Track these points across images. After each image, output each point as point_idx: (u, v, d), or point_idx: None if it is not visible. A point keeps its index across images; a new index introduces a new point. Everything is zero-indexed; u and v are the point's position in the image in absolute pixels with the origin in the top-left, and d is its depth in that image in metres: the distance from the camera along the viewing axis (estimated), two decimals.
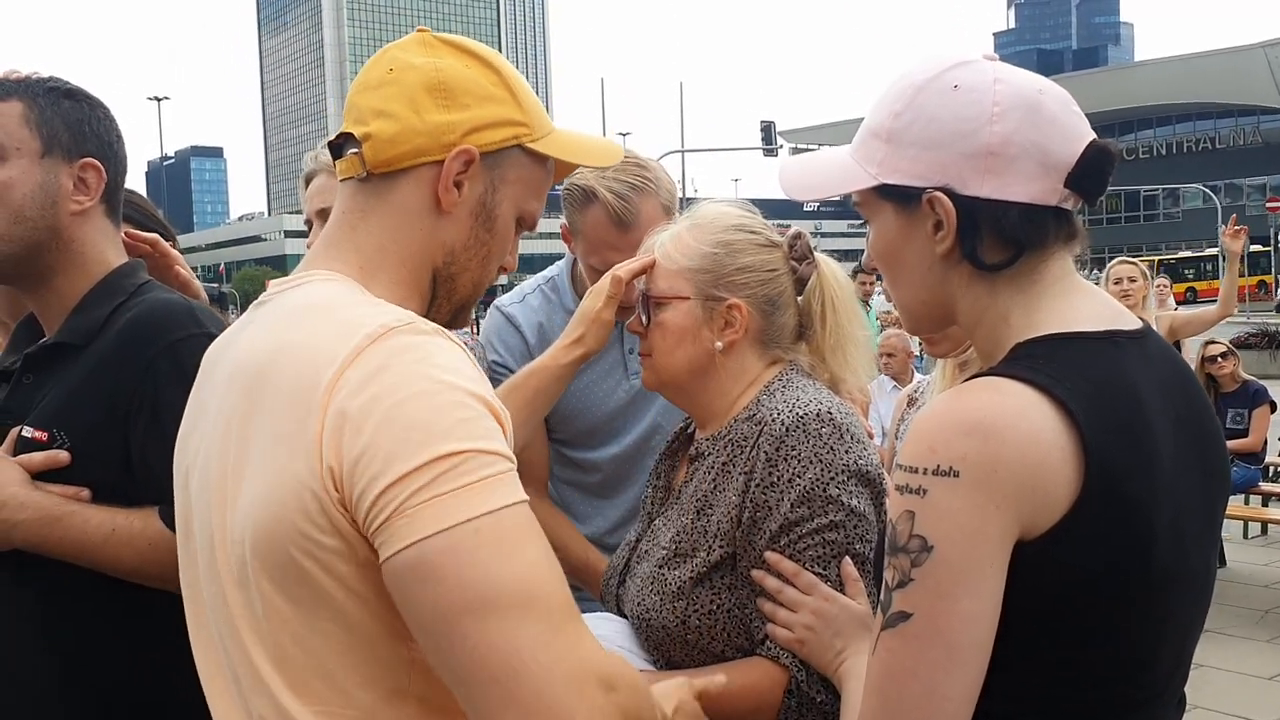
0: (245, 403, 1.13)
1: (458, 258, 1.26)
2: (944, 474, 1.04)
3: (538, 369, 1.80)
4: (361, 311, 1.11)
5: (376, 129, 1.21)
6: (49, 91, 1.66)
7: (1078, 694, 1.10)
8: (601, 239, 2.09)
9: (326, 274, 1.21)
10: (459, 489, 1.00)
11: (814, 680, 1.46)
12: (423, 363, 1.05)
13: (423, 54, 1.24)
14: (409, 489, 1.00)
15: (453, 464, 1.01)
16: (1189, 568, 1.14)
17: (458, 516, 1.00)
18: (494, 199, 1.26)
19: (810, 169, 1.31)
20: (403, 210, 1.22)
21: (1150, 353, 1.18)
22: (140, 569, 1.53)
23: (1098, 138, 1.16)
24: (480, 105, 1.23)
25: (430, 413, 1.02)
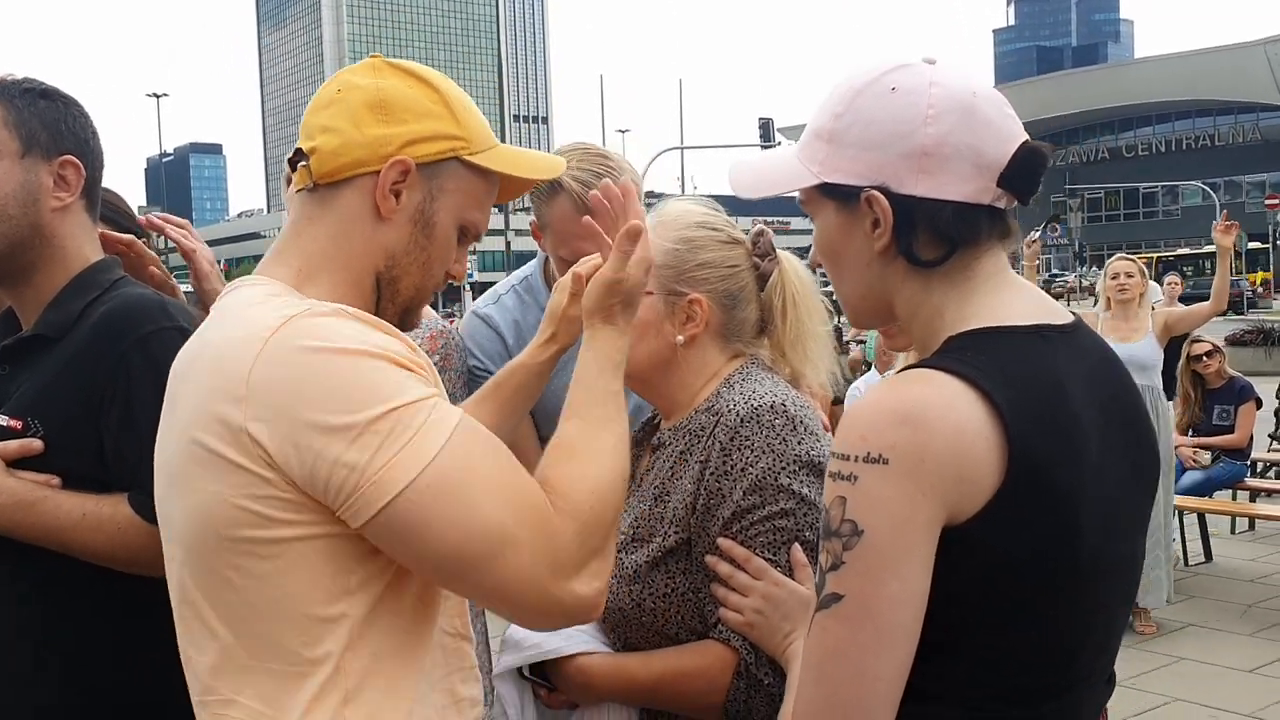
0: (170, 401, 1.26)
1: (398, 261, 1.34)
2: (874, 461, 1.08)
3: (516, 368, 1.84)
4: (267, 307, 1.20)
5: (321, 143, 1.30)
6: (25, 93, 1.71)
7: (1004, 677, 1.14)
8: (569, 229, 2.13)
9: (258, 279, 1.31)
10: (396, 451, 1.12)
11: (762, 663, 1.51)
12: (323, 341, 1.15)
13: (370, 76, 1.34)
14: (356, 463, 1.12)
15: (383, 429, 1.12)
16: (1117, 556, 1.19)
17: (407, 476, 1.12)
18: (432, 207, 1.34)
19: (758, 168, 1.36)
20: (345, 217, 1.32)
21: (1080, 346, 1.22)
22: (110, 553, 1.58)
23: (1030, 139, 1.20)
24: (418, 120, 1.32)
25: (339, 386, 1.13)
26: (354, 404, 1.12)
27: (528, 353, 1.83)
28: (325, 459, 1.12)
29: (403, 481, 1.12)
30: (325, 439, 1.11)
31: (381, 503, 1.12)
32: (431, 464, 1.13)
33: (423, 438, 1.13)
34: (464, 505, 1.14)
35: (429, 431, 1.14)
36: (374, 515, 1.13)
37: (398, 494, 1.12)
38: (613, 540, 1.28)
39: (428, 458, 1.13)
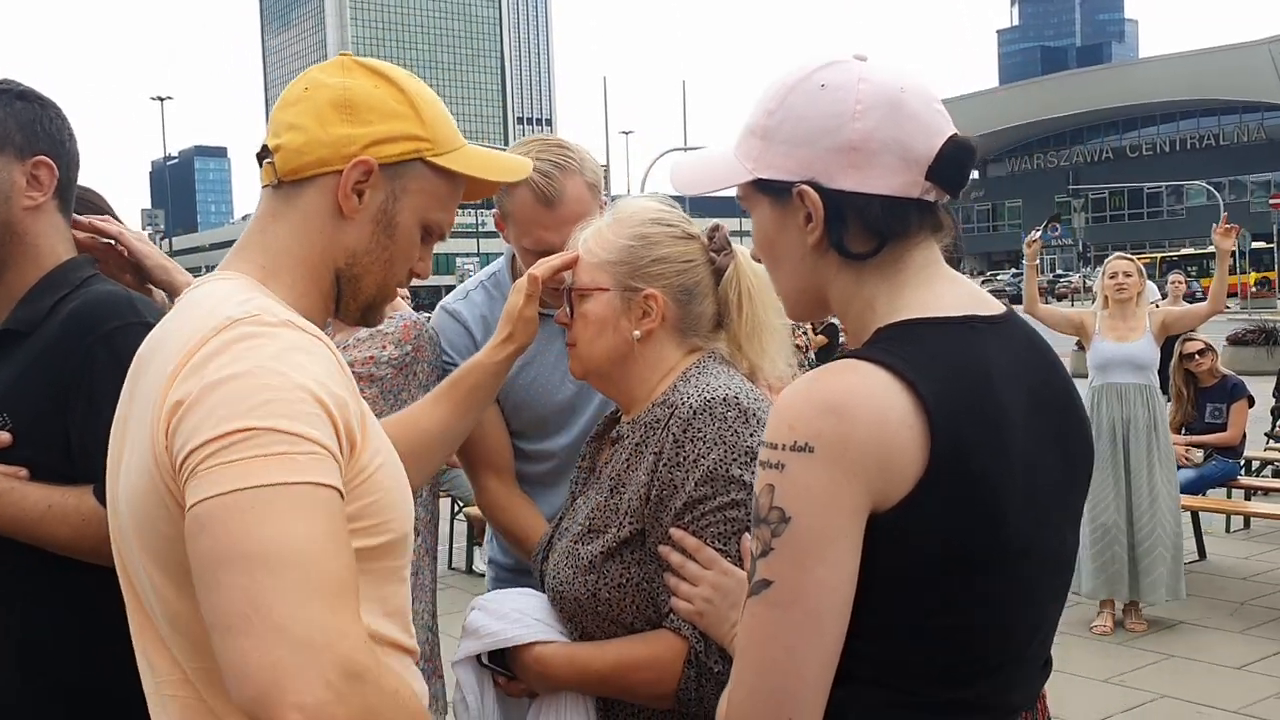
0: (128, 390, 1.27)
1: (359, 260, 1.36)
2: (800, 450, 1.11)
3: (473, 366, 1.87)
4: (220, 306, 1.21)
5: (286, 141, 1.32)
6: (2, 94, 1.74)
7: (933, 659, 1.17)
8: (530, 218, 2.16)
9: (225, 274, 1.33)
10: (244, 459, 1.06)
11: (712, 651, 1.53)
12: (251, 350, 1.14)
13: (338, 75, 1.35)
14: (202, 455, 1.08)
15: (245, 438, 1.07)
16: (1044, 541, 1.21)
17: (236, 483, 1.05)
18: (395, 207, 1.36)
19: (698, 166, 1.38)
20: (307, 215, 1.33)
21: (1010, 337, 1.25)
22: (74, 543, 1.61)
23: (957, 133, 1.23)
24: (383, 120, 1.33)
25: (241, 393, 1.10)
26: (240, 412, 1.09)
27: (485, 352, 1.86)
28: (189, 445, 1.09)
29: (221, 488, 1.06)
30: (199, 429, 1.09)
31: (193, 499, 1.07)
32: (259, 488, 1.06)
33: (273, 462, 1.07)
34: (259, 526, 1.04)
35: (285, 463, 1.07)
36: (196, 502, 1.07)
37: (206, 497, 1.06)
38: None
39: (260, 480, 1.06)
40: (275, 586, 1.01)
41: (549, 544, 1.80)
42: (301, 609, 1.01)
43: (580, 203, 2.15)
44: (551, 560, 1.73)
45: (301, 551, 1.04)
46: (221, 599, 1.03)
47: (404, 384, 2.44)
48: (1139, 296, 5.95)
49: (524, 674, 1.68)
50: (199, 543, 1.06)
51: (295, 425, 1.09)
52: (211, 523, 1.05)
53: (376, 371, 2.36)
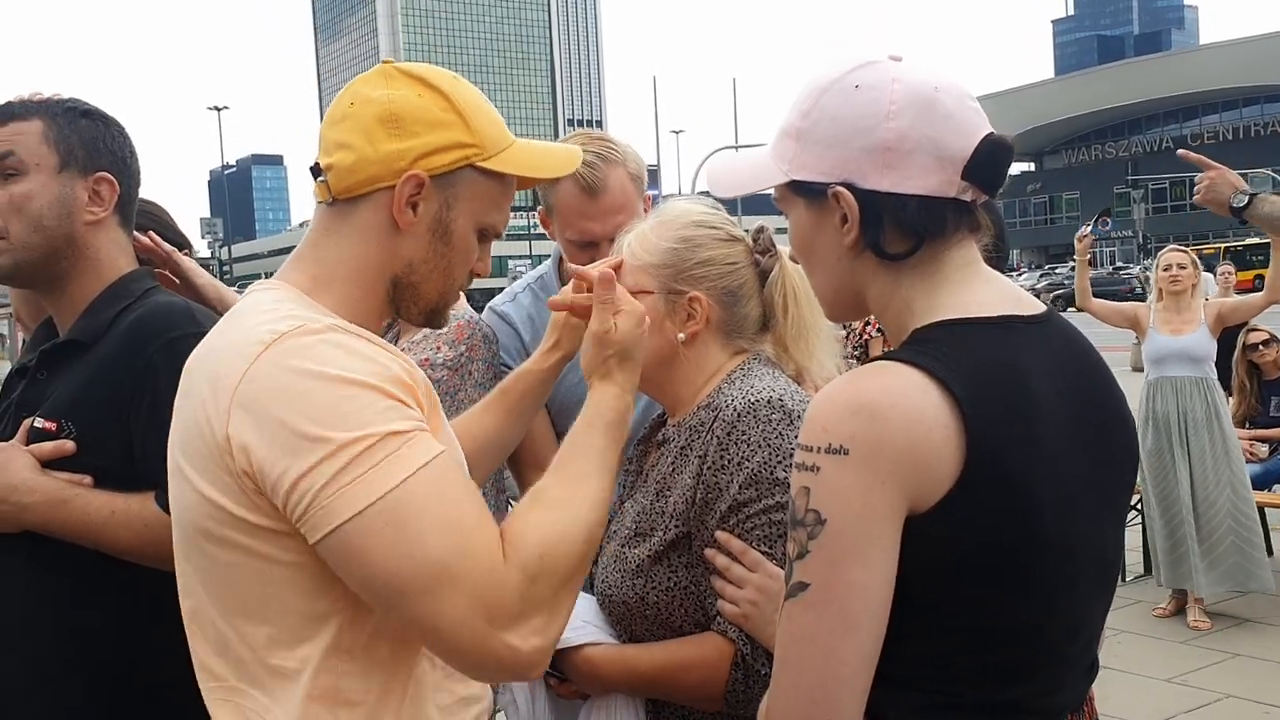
0: (181, 398, 1.31)
1: (418, 269, 1.39)
2: (835, 452, 1.11)
3: (522, 374, 1.90)
4: (265, 319, 1.24)
5: (337, 160, 1.35)
6: (67, 111, 1.81)
7: (972, 658, 1.17)
8: (574, 209, 2.17)
9: (274, 284, 1.36)
10: (355, 478, 1.15)
11: (759, 653, 1.54)
12: (308, 362, 1.18)
13: (382, 86, 1.37)
14: (312, 484, 1.15)
15: (349, 455, 1.15)
16: (1081, 541, 1.20)
17: (360, 504, 1.15)
18: (449, 215, 1.38)
19: (734, 168, 1.39)
20: (363, 230, 1.36)
21: (1048, 337, 1.24)
22: (138, 549, 1.66)
23: (994, 132, 1.22)
24: (430, 132, 1.34)
25: (317, 409, 1.16)
26: (323, 429, 1.15)
27: (533, 359, 1.89)
28: (288, 476, 1.16)
29: (350, 510, 1.14)
30: (290, 459, 1.15)
31: (327, 528, 1.15)
32: (385, 496, 1.14)
33: (383, 469, 1.15)
34: (408, 539, 1.15)
35: (392, 464, 1.16)
36: (321, 538, 1.16)
37: (344, 521, 1.14)
38: (567, 596, 1.26)
39: (382, 490, 1.15)
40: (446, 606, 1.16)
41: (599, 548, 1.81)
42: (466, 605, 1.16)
43: (624, 193, 2.17)
44: (600, 564, 1.75)
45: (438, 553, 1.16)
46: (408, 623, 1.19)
47: (460, 384, 2.48)
48: (1194, 288, 5.88)
49: (574, 675, 1.69)
50: (352, 572, 1.17)
51: (376, 427, 1.17)
52: (360, 552, 1.15)
53: (432, 374, 2.40)
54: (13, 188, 1.75)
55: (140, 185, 1.91)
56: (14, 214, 1.74)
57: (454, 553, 1.16)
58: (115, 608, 1.70)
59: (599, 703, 1.69)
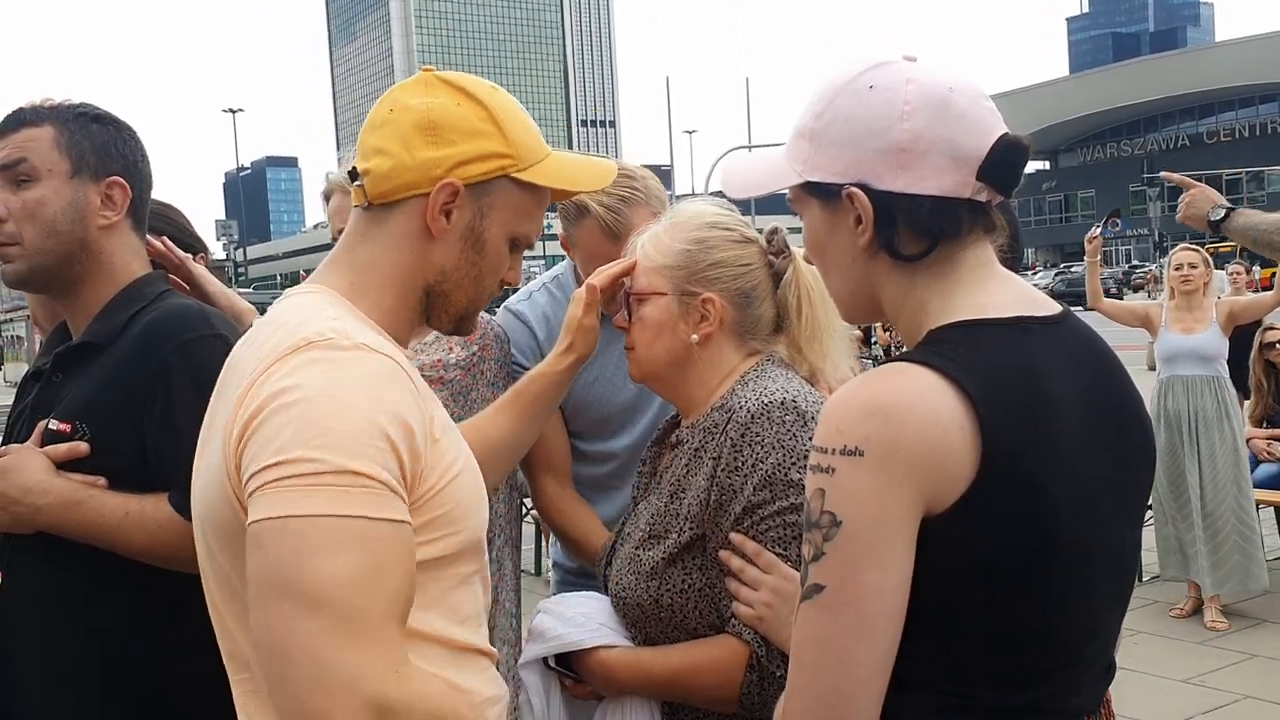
0: (212, 402, 1.34)
1: (449, 277, 1.40)
2: (850, 453, 1.11)
3: (536, 376, 1.90)
4: (304, 324, 1.25)
5: (374, 165, 1.36)
6: (78, 117, 1.81)
7: (989, 660, 1.16)
8: (595, 250, 2.19)
9: (312, 288, 1.37)
10: (300, 488, 1.13)
11: (774, 655, 1.54)
12: (324, 375, 1.19)
13: (421, 94, 1.38)
14: (264, 478, 1.15)
15: (304, 467, 1.13)
16: (1098, 542, 1.19)
17: (289, 509, 1.12)
18: (482, 225, 1.39)
19: (748, 169, 1.39)
20: (397, 236, 1.37)
21: (1064, 337, 1.23)
22: (151, 550, 1.66)
23: (1009, 132, 1.21)
24: (466, 141, 1.35)
25: (307, 419, 1.15)
26: (303, 442, 1.14)
27: (547, 362, 1.89)
28: (253, 467, 1.16)
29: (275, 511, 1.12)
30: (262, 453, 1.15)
31: (253, 517, 1.14)
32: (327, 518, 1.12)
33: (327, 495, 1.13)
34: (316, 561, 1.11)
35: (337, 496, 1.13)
36: (253, 521, 1.14)
37: (269, 517, 1.12)
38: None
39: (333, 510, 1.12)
40: (312, 626, 1.10)
41: (612, 549, 1.81)
42: (334, 651, 1.10)
43: None
44: (615, 566, 1.75)
45: (339, 589, 1.11)
46: (264, 624, 1.12)
47: (472, 384, 2.48)
48: (1206, 287, 5.86)
49: (589, 677, 1.69)
50: (253, 560, 1.14)
51: (353, 461, 1.14)
52: (263, 544, 1.13)
53: (445, 374, 2.41)
54: (26, 194, 1.76)
55: (152, 188, 1.92)
56: (28, 220, 1.76)
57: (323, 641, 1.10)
58: (130, 608, 1.71)
59: (614, 704, 1.69)
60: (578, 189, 1.48)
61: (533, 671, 1.78)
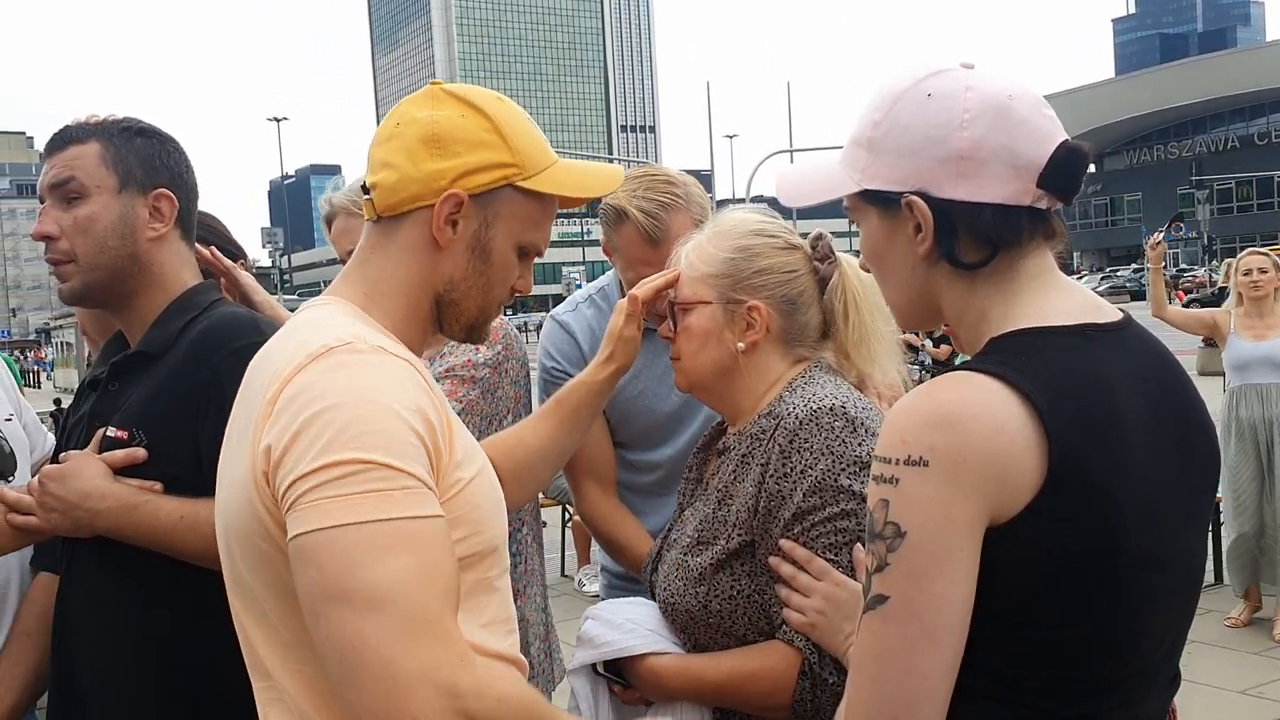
0: (234, 407, 1.36)
1: (457, 286, 1.41)
2: (914, 464, 1.10)
3: (576, 385, 1.91)
4: (319, 333, 1.26)
5: (381, 179, 1.38)
6: (123, 131, 1.85)
7: (1053, 670, 1.14)
8: (635, 256, 2.20)
9: (328, 300, 1.40)
10: (344, 495, 1.14)
11: (826, 662, 1.53)
12: (348, 379, 1.20)
13: (426, 107, 1.39)
14: (303, 487, 1.15)
15: (345, 472, 1.14)
16: (1165, 552, 1.18)
17: (337, 519, 1.14)
18: (488, 234, 1.40)
19: (804, 176, 1.38)
20: (405, 247, 1.39)
21: (1127, 345, 1.22)
22: (205, 553, 1.68)
23: (1069, 139, 1.20)
24: (470, 152, 1.36)
25: (339, 424, 1.16)
26: (338, 444, 1.15)
27: (588, 371, 1.90)
28: (290, 476, 1.16)
29: (323, 523, 1.13)
30: (296, 461, 1.16)
31: (298, 530, 1.15)
32: (380, 523, 1.13)
33: (373, 500, 1.14)
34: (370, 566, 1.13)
35: (382, 500, 1.14)
36: (291, 537, 1.16)
37: (312, 530, 1.14)
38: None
39: (383, 514, 1.14)
40: (376, 627, 1.11)
41: (658, 555, 1.81)
42: (401, 648, 1.11)
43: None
44: (661, 572, 1.74)
45: (398, 590, 1.13)
46: (329, 633, 1.13)
47: (499, 381, 2.53)
48: (1277, 292, 5.69)
49: (639, 684, 1.69)
50: (304, 574, 1.15)
51: (391, 459, 1.16)
52: (314, 557, 1.14)
53: (476, 373, 2.44)
54: (76, 211, 1.79)
55: (198, 198, 1.95)
56: (80, 236, 1.79)
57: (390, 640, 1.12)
58: (187, 611, 1.73)
59: (663, 710, 1.69)
60: (584, 195, 1.48)
61: (581, 677, 1.78)
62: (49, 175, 1.81)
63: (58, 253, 1.80)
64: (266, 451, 1.19)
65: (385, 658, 1.11)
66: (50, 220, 1.80)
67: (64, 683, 1.79)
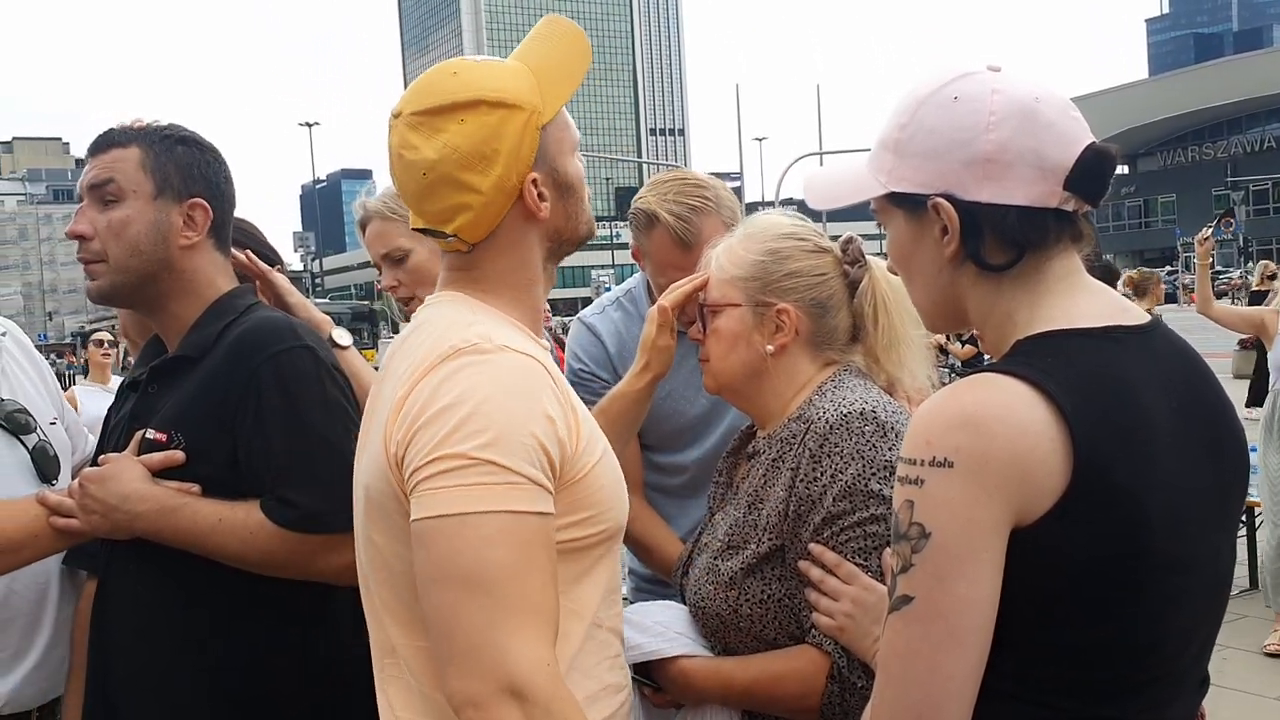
0: (371, 398, 1.49)
1: (562, 230, 1.50)
2: (939, 465, 1.10)
3: (616, 396, 1.92)
4: (449, 333, 1.34)
5: (462, 221, 1.42)
6: (164, 139, 1.88)
7: (1081, 673, 1.14)
8: (666, 259, 2.21)
9: (451, 295, 1.46)
10: (456, 486, 1.25)
11: (855, 666, 1.53)
12: (472, 380, 1.29)
13: (430, 140, 1.39)
14: (423, 475, 1.27)
15: (460, 465, 1.25)
16: (1191, 554, 1.17)
17: (446, 508, 1.25)
18: (559, 171, 1.47)
19: (831, 179, 1.39)
20: (508, 240, 1.46)
21: (1154, 347, 1.22)
22: (243, 555, 1.71)
23: (1096, 141, 1.20)
24: (501, 140, 1.40)
25: (460, 421, 1.26)
26: (469, 435, 1.25)
27: (625, 382, 1.91)
28: (411, 465, 1.28)
29: (432, 511, 1.25)
30: (416, 452, 1.27)
31: (415, 516, 1.27)
32: (483, 515, 1.24)
33: (479, 493, 1.24)
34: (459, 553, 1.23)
35: (489, 493, 1.24)
36: (416, 519, 1.27)
37: (423, 517, 1.26)
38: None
39: (487, 506, 1.24)
40: (468, 610, 1.22)
41: (689, 559, 1.82)
42: (487, 633, 1.21)
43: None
44: (692, 576, 1.75)
45: (496, 577, 1.22)
46: (432, 608, 1.25)
47: None
48: None
49: (669, 686, 1.70)
50: (418, 556, 1.27)
51: (498, 456, 1.26)
52: (425, 540, 1.26)
53: None
54: (112, 213, 1.82)
55: (235, 208, 1.98)
56: (113, 238, 1.82)
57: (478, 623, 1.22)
58: (225, 613, 1.76)
59: (693, 713, 1.69)
60: (579, 80, 1.52)
61: None
62: (89, 175, 1.85)
63: (90, 252, 1.84)
64: (397, 445, 1.30)
65: (471, 640, 1.21)
66: (85, 220, 1.83)
67: (99, 683, 1.82)
